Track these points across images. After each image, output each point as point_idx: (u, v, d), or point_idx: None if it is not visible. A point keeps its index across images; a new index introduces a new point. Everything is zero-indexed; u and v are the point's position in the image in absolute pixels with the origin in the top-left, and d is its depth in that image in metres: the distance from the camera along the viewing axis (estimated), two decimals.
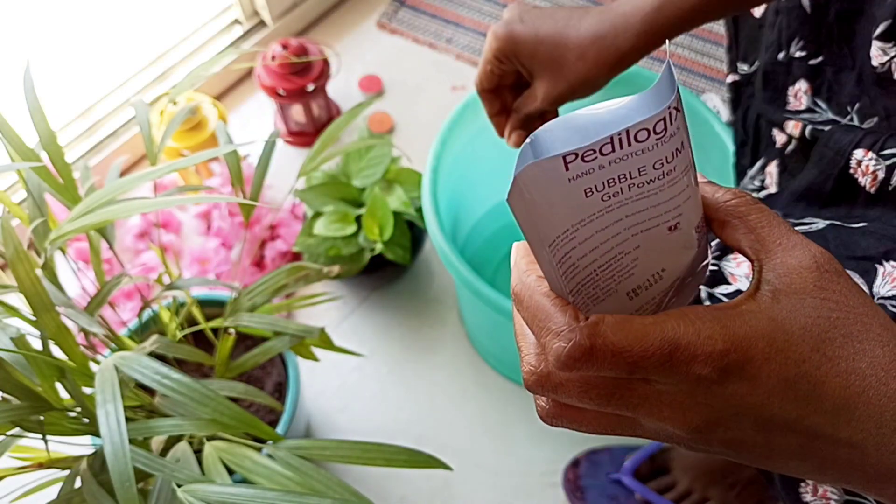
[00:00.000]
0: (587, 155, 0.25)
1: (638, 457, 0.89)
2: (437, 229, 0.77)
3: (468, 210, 1.03)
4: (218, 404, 0.52)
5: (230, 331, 0.70)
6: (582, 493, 0.90)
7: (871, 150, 0.47)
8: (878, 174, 0.47)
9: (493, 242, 1.08)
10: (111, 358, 0.51)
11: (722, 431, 0.28)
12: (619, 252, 0.29)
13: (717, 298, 0.48)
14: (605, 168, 0.26)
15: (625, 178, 0.26)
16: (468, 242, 1.07)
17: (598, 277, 0.29)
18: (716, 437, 0.29)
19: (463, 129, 0.86)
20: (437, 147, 0.83)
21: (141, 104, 0.69)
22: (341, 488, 0.54)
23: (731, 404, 0.27)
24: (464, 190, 0.97)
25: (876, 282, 0.41)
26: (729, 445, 0.29)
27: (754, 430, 0.28)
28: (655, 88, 0.25)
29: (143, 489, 0.58)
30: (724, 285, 0.48)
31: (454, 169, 0.88)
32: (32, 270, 0.50)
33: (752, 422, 0.28)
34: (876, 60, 0.49)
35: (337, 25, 1.32)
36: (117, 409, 0.46)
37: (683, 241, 0.30)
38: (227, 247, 1.04)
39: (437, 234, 0.76)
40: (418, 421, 0.98)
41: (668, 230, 0.29)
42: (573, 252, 0.28)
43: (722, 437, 0.29)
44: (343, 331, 1.03)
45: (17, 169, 0.59)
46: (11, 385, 0.51)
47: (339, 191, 0.95)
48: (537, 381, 0.30)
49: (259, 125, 1.22)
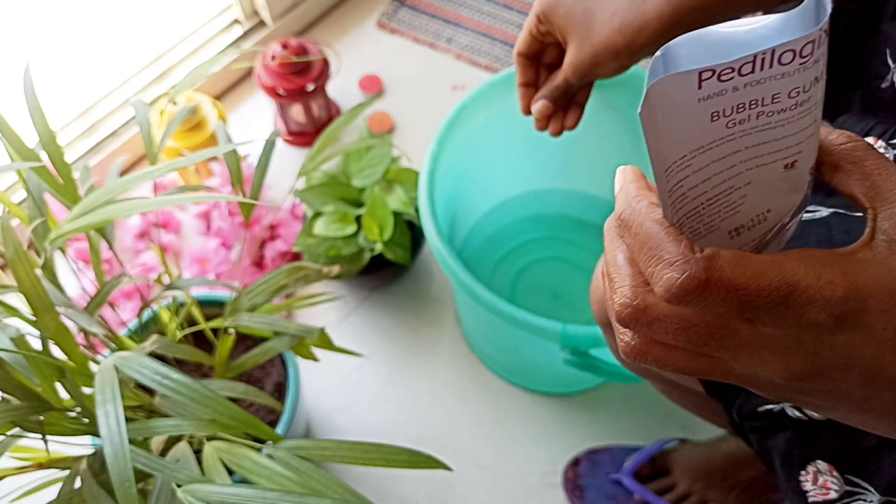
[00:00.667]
0: (724, 73, 0.23)
1: (638, 458, 0.89)
2: (434, 231, 0.77)
3: (466, 211, 1.04)
4: (218, 404, 0.52)
5: (230, 331, 0.69)
6: (581, 493, 0.90)
7: (881, 139, 0.47)
8: None
9: (492, 243, 1.08)
10: (111, 358, 0.51)
11: (823, 382, 0.27)
12: (730, 187, 0.28)
13: None
14: (739, 91, 0.24)
15: (755, 105, 0.25)
16: (466, 243, 1.07)
17: (704, 212, 0.28)
18: (815, 388, 0.27)
19: (460, 130, 0.86)
20: (433, 149, 0.83)
21: (141, 104, 0.69)
22: (341, 488, 0.54)
23: (841, 354, 0.26)
24: (462, 190, 0.97)
25: None
26: (826, 396, 0.28)
27: (858, 383, 0.27)
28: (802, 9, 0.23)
29: (142, 489, 0.58)
30: None
31: (452, 170, 0.88)
32: (32, 270, 0.50)
33: (858, 375, 0.27)
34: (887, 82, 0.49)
35: (337, 25, 1.32)
36: (117, 410, 0.46)
37: (795, 182, 0.29)
38: (226, 247, 1.04)
39: (434, 236, 0.76)
40: (418, 421, 0.98)
41: (784, 168, 0.28)
42: (686, 181, 0.27)
43: (822, 387, 0.27)
44: (343, 331, 1.03)
45: (16, 169, 0.59)
46: (11, 385, 0.51)
47: (339, 191, 0.95)
48: (632, 315, 0.28)
49: (259, 125, 1.21)
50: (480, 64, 1.28)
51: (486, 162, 0.96)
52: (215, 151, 0.56)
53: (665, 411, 0.97)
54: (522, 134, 0.93)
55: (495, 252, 1.08)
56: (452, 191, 0.92)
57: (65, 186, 0.63)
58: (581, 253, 1.07)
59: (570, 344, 0.72)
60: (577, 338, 0.71)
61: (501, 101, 0.87)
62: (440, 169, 0.83)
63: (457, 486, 0.93)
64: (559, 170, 1.05)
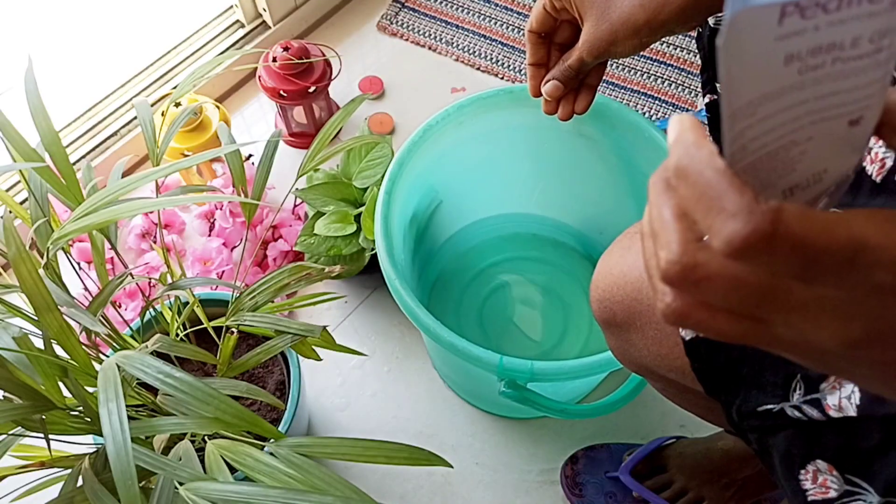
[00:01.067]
0: (808, 10, 0.22)
1: (636, 455, 0.89)
2: (385, 250, 0.76)
3: (438, 228, 1.01)
4: (220, 403, 0.52)
5: (232, 330, 0.70)
6: (580, 490, 0.91)
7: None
8: (886, 162, 0.46)
9: (464, 261, 1.06)
10: (114, 357, 0.51)
11: (880, 350, 0.26)
12: (791, 140, 0.26)
13: None
14: (820, 31, 0.23)
15: (832, 49, 0.23)
16: (437, 259, 1.05)
17: (762, 167, 0.26)
18: (870, 356, 0.26)
19: (427, 150, 0.84)
20: (393, 169, 0.81)
21: (143, 105, 0.69)
22: (342, 486, 0.54)
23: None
24: (431, 208, 0.95)
25: None
26: (880, 367, 0.27)
27: None
28: None
29: (145, 488, 0.58)
30: None
31: (420, 185, 0.87)
32: (35, 270, 0.50)
33: None
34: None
35: (338, 27, 1.32)
36: (120, 408, 0.47)
37: (857, 141, 0.27)
38: (229, 247, 1.04)
39: (385, 255, 0.75)
40: (418, 419, 0.98)
41: (849, 124, 0.26)
42: (748, 131, 0.25)
43: (877, 356, 0.26)
44: (344, 329, 1.04)
45: (19, 169, 0.59)
46: (14, 384, 0.51)
47: (339, 191, 0.96)
48: (680, 273, 0.26)
49: (261, 127, 1.22)
50: (480, 66, 1.28)
51: (456, 184, 0.94)
52: (218, 152, 0.56)
53: (663, 410, 0.97)
54: (493, 158, 0.92)
55: (468, 270, 1.06)
56: (420, 206, 0.91)
57: (68, 187, 0.64)
58: (554, 274, 1.06)
59: (507, 376, 0.70)
60: (514, 371, 0.69)
61: (470, 124, 0.86)
62: (401, 188, 0.81)
63: (457, 484, 0.94)
64: (530, 195, 1.04)
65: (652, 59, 1.28)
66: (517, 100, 0.84)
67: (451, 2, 1.35)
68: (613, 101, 0.81)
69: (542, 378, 0.70)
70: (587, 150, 0.88)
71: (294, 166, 1.16)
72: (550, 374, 0.69)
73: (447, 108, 0.83)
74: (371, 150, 0.98)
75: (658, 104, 1.24)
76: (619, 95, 1.25)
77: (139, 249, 1.06)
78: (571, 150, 0.89)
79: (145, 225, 1.07)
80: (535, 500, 0.93)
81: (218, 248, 1.03)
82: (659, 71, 1.27)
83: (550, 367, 0.69)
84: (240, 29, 1.23)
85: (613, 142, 0.85)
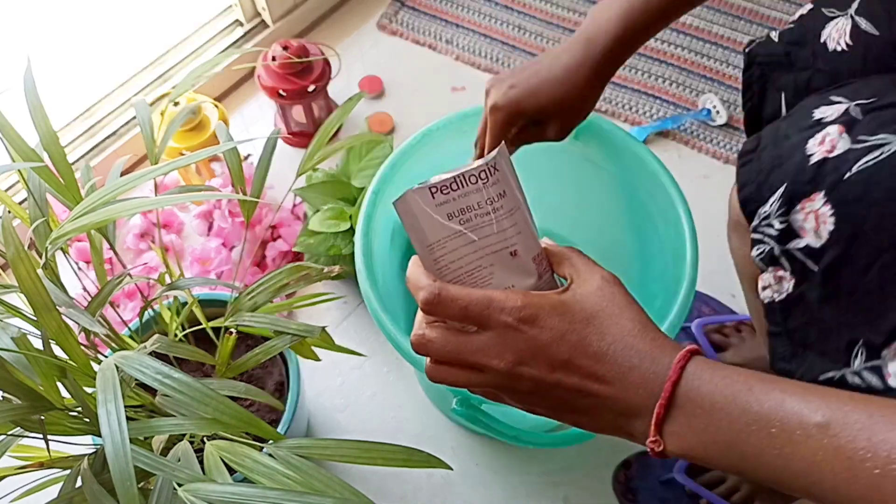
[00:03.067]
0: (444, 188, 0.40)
1: None
2: (362, 253, 0.75)
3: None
4: (219, 403, 0.52)
5: (231, 330, 0.70)
6: (634, 496, 0.90)
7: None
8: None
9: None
10: (112, 357, 0.51)
11: (527, 368, 0.41)
12: (479, 265, 0.42)
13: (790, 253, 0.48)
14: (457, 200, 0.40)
15: (471, 208, 0.40)
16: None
17: (467, 280, 0.42)
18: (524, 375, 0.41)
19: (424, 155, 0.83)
20: (385, 170, 0.80)
21: (142, 104, 0.69)
22: (342, 487, 0.54)
23: (528, 345, 0.40)
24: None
25: None
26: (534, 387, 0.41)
27: (547, 367, 0.40)
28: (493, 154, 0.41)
29: (143, 488, 0.58)
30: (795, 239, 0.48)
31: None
32: (34, 270, 0.50)
33: (544, 359, 0.40)
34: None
35: (338, 26, 1.32)
36: (118, 409, 0.46)
37: (524, 266, 0.43)
38: (228, 247, 1.04)
39: (361, 260, 0.75)
40: (418, 420, 0.98)
41: (511, 255, 0.42)
42: (444, 257, 0.42)
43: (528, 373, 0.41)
44: (344, 330, 1.04)
45: (18, 169, 0.59)
46: (12, 385, 0.51)
47: (338, 190, 0.96)
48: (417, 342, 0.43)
49: (260, 126, 1.22)
50: (480, 65, 1.28)
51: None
52: (217, 149, 0.56)
53: None
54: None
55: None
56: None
57: (66, 187, 0.64)
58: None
59: (460, 393, 0.69)
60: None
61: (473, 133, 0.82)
62: (394, 190, 0.80)
63: (457, 485, 0.94)
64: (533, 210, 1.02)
65: (652, 58, 1.28)
66: None
67: (451, 0, 1.35)
68: (620, 130, 0.81)
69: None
70: (592, 174, 0.87)
71: (293, 166, 1.16)
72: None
73: (449, 116, 0.82)
74: (372, 150, 0.98)
75: (658, 103, 1.23)
76: (620, 95, 1.24)
77: (138, 249, 1.06)
78: (576, 173, 0.88)
79: (144, 225, 1.07)
80: (536, 502, 0.93)
81: (217, 248, 1.02)
82: (659, 70, 1.27)
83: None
84: (238, 28, 1.23)
85: (618, 169, 0.84)
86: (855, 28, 0.51)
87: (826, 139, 0.46)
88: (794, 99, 0.56)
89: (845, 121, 0.46)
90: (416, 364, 0.69)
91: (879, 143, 0.44)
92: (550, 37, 1.31)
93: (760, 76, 0.62)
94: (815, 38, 0.55)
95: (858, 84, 0.49)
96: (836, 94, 0.49)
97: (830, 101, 0.48)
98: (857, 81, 0.50)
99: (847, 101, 0.48)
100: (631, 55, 0.65)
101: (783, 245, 0.48)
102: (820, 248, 0.46)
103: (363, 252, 0.75)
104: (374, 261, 0.76)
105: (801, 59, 0.55)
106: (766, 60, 0.62)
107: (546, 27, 1.32)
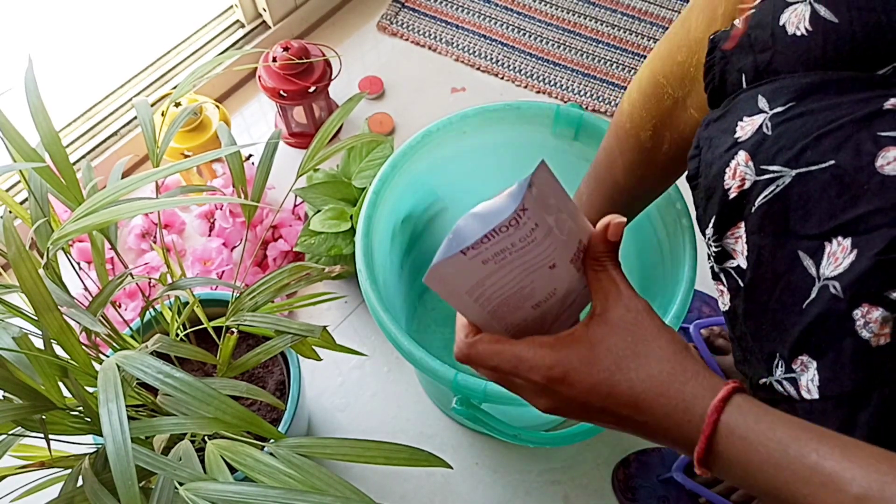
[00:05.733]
0: (475, 247, 0.39)
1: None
2: (363, 252, 0.75)
3: (443, 230, 0.99)
4: (220, 403, 0.52)
5: (232, 330, 0.70)
6: (632, 494, 0.91)
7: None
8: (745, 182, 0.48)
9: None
10: (114, 357, 0.51)
11: (564, 412, 0.44)
12: (520, 286, 0.43)
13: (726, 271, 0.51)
14: (489, 248, 0.40)
15: (507, 251, 0.40)
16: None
17: (508, 301, 0.44)
18: (563, 413, 0.45)
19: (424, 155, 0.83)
20: (385, 170, 0.79)
21: (143, 105, 0.69)
22: (342, 486, 0.54)
23: (561, 399, 0.43)
24: (445, 206, 0.95)
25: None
26: (576, 417, 0.45)
27: (580, 413, 0.44)
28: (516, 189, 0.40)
29: (145, 488, 0.58)
30: (729, 260, 0.50)
31: (415, 189, 0.86)
32: (35, 270, 0.50)
33: (577, 407, 0.43)
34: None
35: (338, 27, 1.32)
36: (119, 408, 0.47)
37: (563, 274, 0.44)
38: (229, 247, 1.04)
39: (361, 259, 0.74)
40: (419, 419, 0.98)
41: (549, 268, 0.43)
42: (484, 293, 0.43)
43: (566, 414, 0.44)
44: (344, 330, 1.04)
45: (19, 169, 0.59)
46: (14, 384, 0.51)
47: (339, 190, 0.96)
48: (463, 357, 0.46)
49: (261, 127, 1.22)
50: (480, 66, 1.28)
51: (460, 192, 0.93)
52: (219, 152, 0.56)
53: None
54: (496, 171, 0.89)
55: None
56: (417, 206, 0.90)
57: (68, 187, 0.64)
58: None
59: (461, 393, 0.68)
60: (468, 389, 0.67)
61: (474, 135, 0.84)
62: (394, 189, 0.80)
63: (457, 484, 0.94)
64: None
65: None
66: (523, 117, 0.83)
67: (451, 2, 1.35)
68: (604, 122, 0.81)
69: (495, 400, 0.68)
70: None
71: (294, 166, 1.16)
72: (505, 397, 0.67)
73: (450, 116, 0.82)
74: (372, 150, 0.98)
75: None
76: (620, 95, 1.24)
77: (139, 249, 1.06)
78: (576, 173, 0.87)
79: (145, 225, 1.07)
80: (536, 501, 0.93)
81: (218, 248, 1.03)
82: None
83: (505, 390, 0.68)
84: (240, 29, 1.23)
85: None
86: (814, 14, 0.52)
87: (737, 171, 0.48)
88: (753, 80, 0.57)
89: (755, 142, 0.48)
90: (416, 364, 0.69)
91: (776, 175, 0.47)
92: (550, 38, 1.32)
93: (721, 58, 0.62)
94: (774, 20, 0.55)
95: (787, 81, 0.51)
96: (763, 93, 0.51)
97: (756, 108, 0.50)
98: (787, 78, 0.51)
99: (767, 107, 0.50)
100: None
101: (720, 264, 0.51)
102: (745, 269, 0.49)
103: (364, 252, 0.75)
104: (375, 261, 0.76)
105: (761, 42, 0.56)
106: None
107: (546, 28, 1.33)
